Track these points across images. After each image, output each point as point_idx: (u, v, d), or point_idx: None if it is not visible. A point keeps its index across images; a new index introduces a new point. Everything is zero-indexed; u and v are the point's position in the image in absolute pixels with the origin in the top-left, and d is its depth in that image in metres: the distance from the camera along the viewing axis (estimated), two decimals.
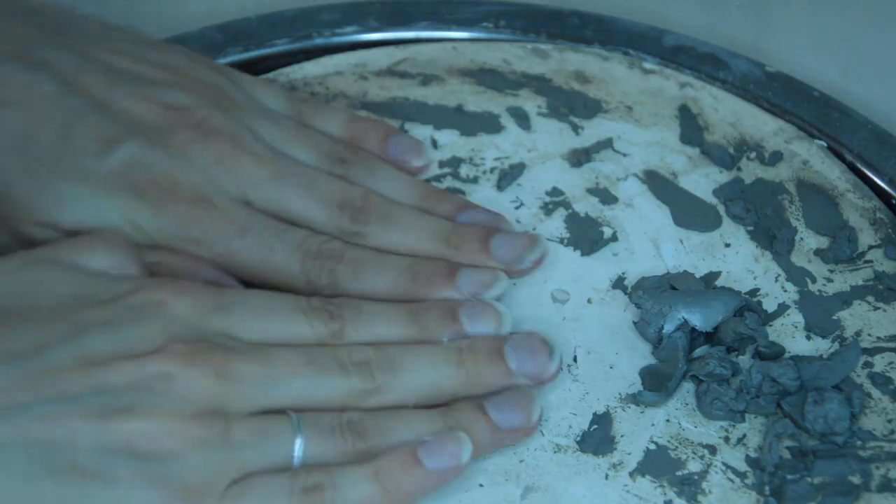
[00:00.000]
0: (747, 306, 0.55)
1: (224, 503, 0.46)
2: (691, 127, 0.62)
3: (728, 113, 0.63)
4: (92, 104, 0.53)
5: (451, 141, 0.61)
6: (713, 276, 0.57)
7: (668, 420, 0.52)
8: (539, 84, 0.64)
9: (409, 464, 0.48)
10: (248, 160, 0.54)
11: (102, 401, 0.46)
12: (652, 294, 0.54)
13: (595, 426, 0.52)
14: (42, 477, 0.45)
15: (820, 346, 0.55)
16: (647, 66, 0.65)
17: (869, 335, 0.55)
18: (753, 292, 0.56)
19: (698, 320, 0.54)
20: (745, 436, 0.52)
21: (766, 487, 0.50)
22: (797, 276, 0.57)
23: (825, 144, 0.62)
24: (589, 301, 0.56)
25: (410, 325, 0.51)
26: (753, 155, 0.61)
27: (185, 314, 0.48)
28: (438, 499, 0.50)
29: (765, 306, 0.56)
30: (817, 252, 0.58)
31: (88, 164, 0.52)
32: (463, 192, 0.59)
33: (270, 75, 0.64)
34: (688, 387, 0.53)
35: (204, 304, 0.49)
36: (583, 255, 0.58)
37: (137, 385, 0.46)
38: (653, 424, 0.52)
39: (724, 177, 0.60)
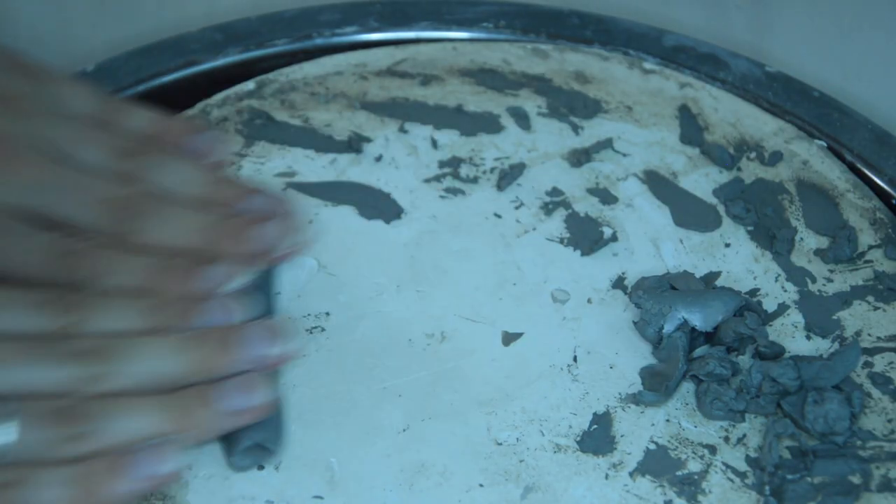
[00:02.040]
0: (747, 306, 0.55)
1: None
2: (691, 127, 0.62)
3: (728, 113, 0.63)
4: None
5: (451, 141, 0.61)
6: (713, 276, 0.57)
7: (668, 420, 0.52)
8: (539, 84, 0.64)
9: (115, 469, 0.48)
10: (21, 167, 0.53)
11: None
12: (652, 294, 0.54)
13: (595, 426, 0.52)
14: None
15: (820, 346, 0.55)
16: (647, 66, 0.65)
17: (869, 335, 0.55)
18: (753, 292, 0.56)
19: (698, 320, 0.54)
20: (745, 436, 0.52)
21: (766, 487, 0.50)
22: (797, 276, 0.57)
23: (825, 144, 0.62)
24: (589, 301, 0.56)
25: (147, 318, 0.51)
26: (753, 155, 0.61)
27: None
28: (437, 499, 0.50)
29: (765, 306, 0.56)
30: (817, 252, 0.58)
31: None
32: (463, 192, 0.59)
33: (270, 75, 0.64)
34: (688, 387, 0.53)
35: None
36: (583, 255, 0.58)
37: None
38: (653, 424, 0.52)
39: (724, 177, 0.60)
